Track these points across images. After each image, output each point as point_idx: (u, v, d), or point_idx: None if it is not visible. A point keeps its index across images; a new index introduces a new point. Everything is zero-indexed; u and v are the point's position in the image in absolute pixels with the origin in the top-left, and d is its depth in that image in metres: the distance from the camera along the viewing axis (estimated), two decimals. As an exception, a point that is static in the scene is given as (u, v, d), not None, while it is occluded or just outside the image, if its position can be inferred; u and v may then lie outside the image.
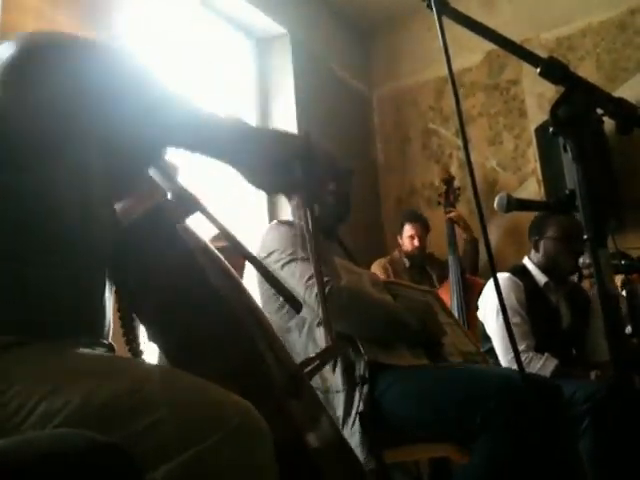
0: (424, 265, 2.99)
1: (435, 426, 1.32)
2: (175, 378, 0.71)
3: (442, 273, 2.92)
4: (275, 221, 1.64)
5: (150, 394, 0.64)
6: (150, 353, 0.95)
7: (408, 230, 2.96)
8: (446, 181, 3.09)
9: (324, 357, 0.92)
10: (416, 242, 2.92)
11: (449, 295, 2.76)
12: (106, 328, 0.87)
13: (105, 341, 0.86)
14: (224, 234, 0.97)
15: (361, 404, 1.31)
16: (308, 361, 0.89)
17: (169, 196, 0.94)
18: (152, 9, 2.48)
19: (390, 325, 1.43)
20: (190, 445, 0.61)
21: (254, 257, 0.99)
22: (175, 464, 0.60)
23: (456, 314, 2.69)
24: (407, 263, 2.96)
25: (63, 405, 0.64)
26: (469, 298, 2.70)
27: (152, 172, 0.94)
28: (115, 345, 0.87)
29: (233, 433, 0.63)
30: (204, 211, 0.96)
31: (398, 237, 3.03)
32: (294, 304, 0.89)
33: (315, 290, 1.35)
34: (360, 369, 1.36)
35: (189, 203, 0.94)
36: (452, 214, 2.97)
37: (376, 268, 2.87)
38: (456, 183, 3.12)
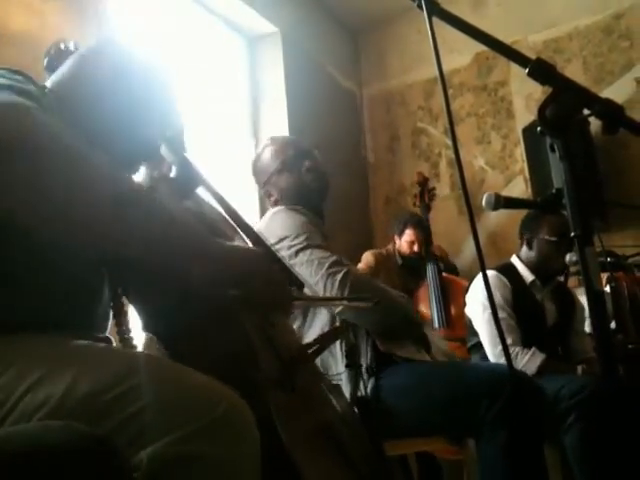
0: (415, 267, 3.00)
1: (430, 422, 1.33)
2: (161, 367, 0.72)
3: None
4: (281, 207, 1.54)
5: (135, 383, 0.65)
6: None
7: (410, 235, 2.93)
8: (420, 182, 3.09)
9: (325, 341, 0.92)
10: (415, 248, 2.91)
11: (427, 295, 2.78)
12: (99, 322, 0.87)
13: (100, 335, 0.86)
14: (226, 209, 0.97)
15: (362, 390, 1.31)
16: (308, 345, 0.89)
17: (174, 170, 0.94)
18: (142, 4, 2.47)
19: (404, 320, 1.43)
20: (173, 429, 0.62)
21: (255, 232, 0.99)
22: (158, 446, 0.61)
23: (435, 314, 2.72)
24: (399, 261, 2.98)
25: (46, 399, 0.65)
26: (447, 297, 2.72)
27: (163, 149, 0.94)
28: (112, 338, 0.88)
29: (217, 421, 0.64)
30: (208, 186, 0.97)
31: (395, 237, 3.02)
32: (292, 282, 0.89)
33: (338, 277, 1.34)
34: (367, 360, 1.36)
35: (193, 178, 0.94)
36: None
37: (368, 256, 2.88)
38: (430, 184, 3.11)
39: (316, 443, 0.83)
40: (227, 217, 0.98)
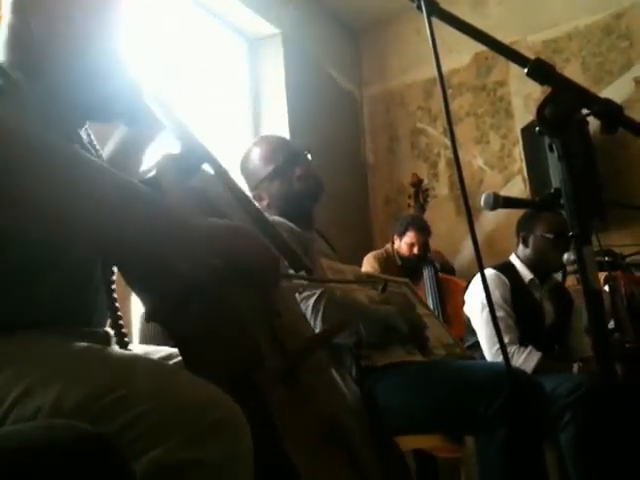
0: (413, 268, 3.01)
1: (428, 419, 1.34)
2: (156, 372, 0.71)
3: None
4: None
5: (131, 390, 0.65)
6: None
7: (411, 237, 2.92)
8: (414, 184, 3.08)
9: (332, 332, 0.92)
10: (416, 250, 2.91)
11: (424, 295, 2.78)
12: (95, 316, 0.85)
13: (99, 330, 0.85)
14: (231, 186, 0.96)
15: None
16: (316, 336, 0.88)
17: (180, 147, 0.93)
18: (144, 8, 2.47)
19: (384, 331, 1.41)
20: (170, 435, 0.62)
21: (260, 211, 0.98)
22: (154, 454, 0.61)
23: (431, 313, 2.72)
24: (399, 262, 2.98)
25: (36, 410, 0.64)
26: (444, 298, 2.72)
27: (163, 120, 0.92)
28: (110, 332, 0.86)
29: (213, 426, 0.64)
30: (213, 162, 0.95)
31: (395, 237, 3.02)
32: (294, 263, 0.87)
33: (310, 303, 1.32)
34: (352, 373, 1.36)
35: (199, 154, 0.93)
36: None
37: (370, 259, 2.89)
38: (425, 185, 3.11)
39: (318, 441, 0.82)
40: (232, 194, 0.96)
